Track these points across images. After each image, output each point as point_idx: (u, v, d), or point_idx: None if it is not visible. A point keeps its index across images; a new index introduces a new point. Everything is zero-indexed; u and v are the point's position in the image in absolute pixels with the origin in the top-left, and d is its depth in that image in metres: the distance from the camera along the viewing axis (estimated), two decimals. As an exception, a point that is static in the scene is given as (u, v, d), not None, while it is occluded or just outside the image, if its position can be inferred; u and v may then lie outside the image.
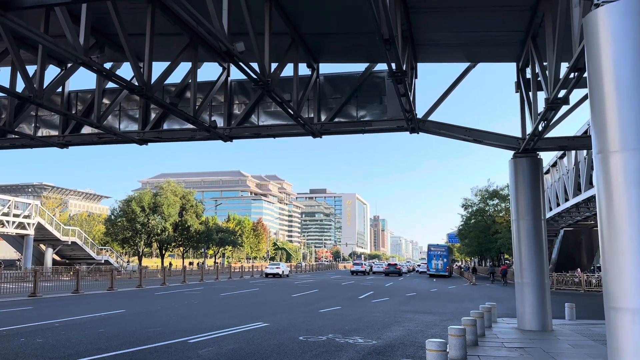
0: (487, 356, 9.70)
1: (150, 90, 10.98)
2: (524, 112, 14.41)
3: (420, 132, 14.58)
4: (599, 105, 6.19)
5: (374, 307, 21.02)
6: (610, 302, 5.89)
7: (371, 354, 10.57)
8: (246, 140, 16.29)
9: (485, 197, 63.45)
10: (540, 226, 14.05)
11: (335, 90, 14.77)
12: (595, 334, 12.72)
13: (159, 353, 10.41)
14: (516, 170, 14.45)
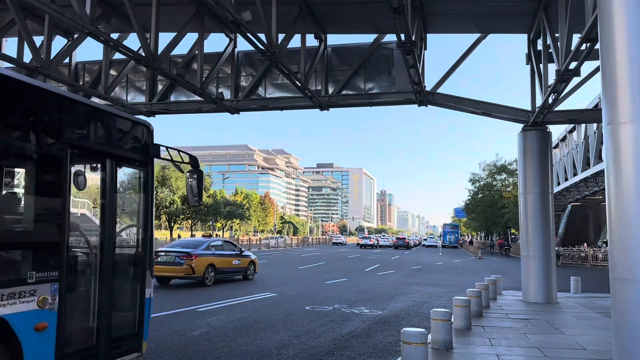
0: (491, 327, 9.81)
1: (157, 61, 10.94)
2: (534, 84, 14.24)
3: (429, 105, 14.46)
4: (610, 76, 6.10)
5: (380, 279, 21.22)
6: (615, 274, 5.92)
7: (377, 324, 10.73)
8: (253, 112, 16.26)
9: (493, 171, 63.13)
10: (547, 200, 14.03)
11: (343, 62, 14.64)
12: (600, 306, 12.81)
13: (169, 321, 10.62)
14: (525, 144, 14.36)
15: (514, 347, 8.08)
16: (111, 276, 5.55)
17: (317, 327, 10.19)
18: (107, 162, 5.56)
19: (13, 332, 4.27)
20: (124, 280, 6.02)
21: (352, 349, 8.39)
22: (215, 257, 17.61)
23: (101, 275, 5.43)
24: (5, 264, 4.40)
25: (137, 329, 5.90)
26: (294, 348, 8.35)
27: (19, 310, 4.33)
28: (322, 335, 9.39)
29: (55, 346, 4.69)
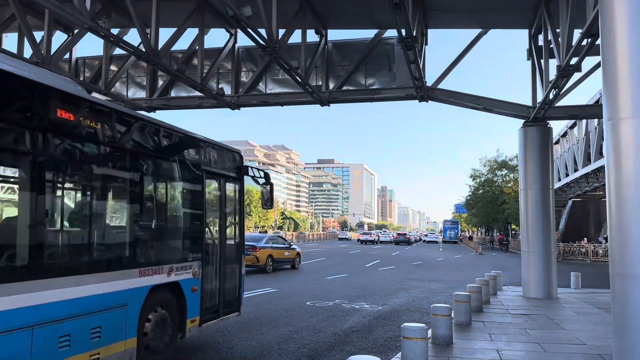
0: (491, 322, 9.83)
1: (158, 56, 10.92)
2: (535, 80, 14.22)
3: (430, 100, 14.45)
4: (611, 71, 6.09)
5: (381, 275, 21.26)
6: (615, 269, 5.92)
7: (377, 319, 10.76)
8: (254, 108, 16.24)
9: (494, 167, 63.13)
10: (548, 196, 14.02)
11: (343, 58, 14.62)
12: (600, 302, 12.83)
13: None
14: (526, 139, 14.35)
15: (514, 342, 8.10)
16: (226, 258, 8.29)
17: (318, 322, 10.22)
18: (220, 179, 8.27)
19: (182, 291, 6.95)
20: (232, 261, 8.56)
21: (352, 344, 8.42)
22: (272, 249, 21.26)
23: (221, 257, 8.15)
24: (178, 249, 7.07)
25: (237, 295, 8.67)
26: (294, 343, 8.37)
27: (185, 277, 7.01)
28: (323, 331, 9.42)
29: (200, 303, 7.41)
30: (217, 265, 8.04)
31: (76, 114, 5.24)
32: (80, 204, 5.64)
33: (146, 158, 6.42)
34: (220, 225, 8.27)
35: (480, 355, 7.26)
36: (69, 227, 5.45)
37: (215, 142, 8.28)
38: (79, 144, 5.41)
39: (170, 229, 7.04)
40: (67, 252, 5.34)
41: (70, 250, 5.40)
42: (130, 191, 6.19)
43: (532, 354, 7.42)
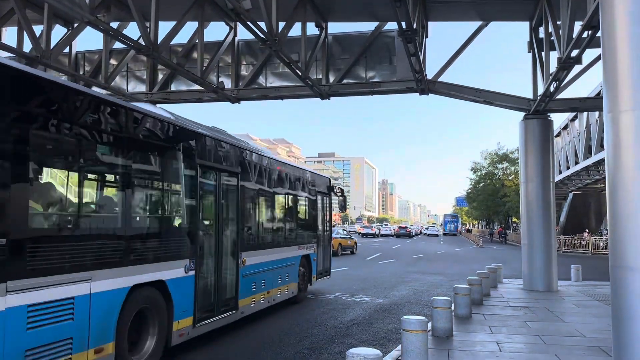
0: (492, 314, 9.86)
1: (157, 50, 10.89)
2: (535, 72, 14.17)
3: (430, 93, 14.41)
4: (611, 64, 6.07)
5: (381, 268, 21.30)
6: (615, 261, 5.93)
7: (377, 312, 10.79)
8: (254, 102, 16.22)
9: (495, 160, 63.10)
10: (548, 189, 14.02)
11: (344, 51, 14.56)
12: (600, 294, 12.86)
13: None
14: (526, 132, 14.33)
15: (514, 335, 8.13)
16: (326, 243, 14.07)
17: (319, 315, 10.26)
18: (318, 195, 13.56)
19: (310, 259, 12.46)
20: (328, 245, 14.43)
21: (353, 336, 8.45)
22: (341, 238, 29.45)
23: (324, 241, 13.94)
24: (310, 236, 12.72)
25: (329, 265, 14.35)
26: (295, 336, 8.41)
27: (311, 252, 12.62)
28: (323, 323, 9.45)
29: (316, 267, 12.92)
30: (322, 246, 13.74)
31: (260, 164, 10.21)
32: (284, 215, 11.40)
33: (302, 190, 12.61)
34: (322, 222, 13.96)
35: (480, 347, 7.29)
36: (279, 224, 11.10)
37: (322, 175, 14.65)
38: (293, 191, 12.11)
39: (307, 226, 12.83)
40: (279, 237, 10.98)
41: (279, 236, 10.99)
42: (296, 206, 12.23)
43: (532, 346, 7.44)
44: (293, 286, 11.37)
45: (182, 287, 6.90)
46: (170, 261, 6.68)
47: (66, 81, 5.91)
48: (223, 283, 8.17)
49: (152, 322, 6.37)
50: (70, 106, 5.26)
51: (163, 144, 6.82)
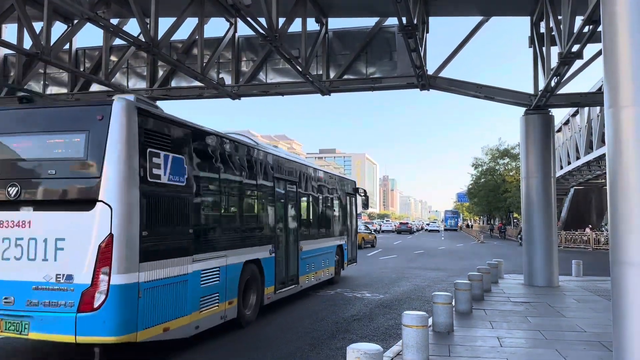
0: (492, 310, 9.88)
1: (157, 46, 10.88)
2: (536, 67, 14.13)
3: (431, 89, 14.39)
4: (612, 59, 6.06)
5: (382, 264, 21.32)
6: (616, 256, 5.93)
7: (378, 307, 10.81)
8: (254, 98, 16.21)
9: (496, 156, 62.97)
10: (549, 184, 14.01)
11: (344, 46, 14.53)
12: (601, 289, 12.86)
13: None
14: (527, 127, 14.31)
15: (515, 330, 8.14)
16: (353, 235, 16.82)
17: (320, 311, 10.28)
18: (348, 196, 16.37)
19: (342, 248, 15.33)
20: (354, 237, 17.12)
21: (354, 332, 8.47)
22: (363, 233, 31.40)
23: (351, 234, 16.50)
24: (343, 230, 15.53)
25: (355, 254, 17.23)
26: (296, 332, 8.43)
27: (344, 242, 15.46)
28: (325, 319, 9.48)
29: (348, 255, 15.93)
30: (350, 238, 16.50)
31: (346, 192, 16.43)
32: (325, 212, 13.99)
33: (336, 193, 15.20)
34: (350, 218, 16.68)
35: (481, 342, 7.31)
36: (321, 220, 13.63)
37: (349, 178, 17.73)
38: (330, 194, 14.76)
39: (340, 221, 15.30)
40: (322, 230, 13.56)
41: (322, 229, 13.53)
42: (332, 206, 14.75)
43: (533, 341, 7.46)
44: (332, 269, 14.24)
45: (268, 264, 9.74)
46: (262, 245, 9.55)
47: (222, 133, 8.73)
48: (290, 263, 11.05)
49: (253, 287, 9.15)
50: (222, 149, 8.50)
51: (259, 165, 9.83)
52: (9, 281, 6.05)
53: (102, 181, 5.99)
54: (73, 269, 5.90)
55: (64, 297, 5.86)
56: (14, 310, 5.99)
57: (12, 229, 6.19)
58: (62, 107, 7.05)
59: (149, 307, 6.17)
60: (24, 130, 6.52)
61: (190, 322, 7.03)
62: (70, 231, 6.01)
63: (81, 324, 5.75)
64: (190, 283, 7.03)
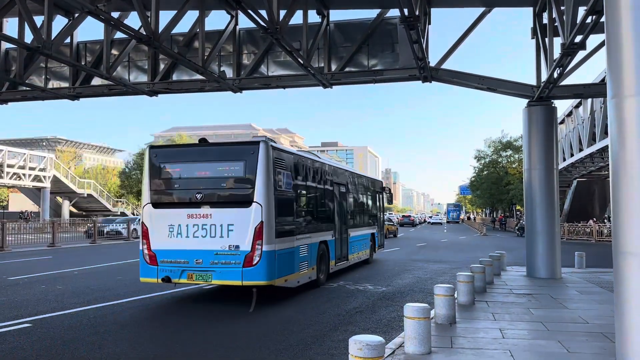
0: (495, 302, 9.88)
1: (158, 39, 10.85)
2: (539, 59, 14.06)
3: (433, 81, 14.34)
4: (615, 48, 6.02)
5: (385, 257, 21.31)
6: (618, 247, 5.92)
7: (381, 300, 10.83)
8: (256, 91, 16.18)
9: (499, 148, 62.82)
10: (552, 176, 13.98)
11: (346, 39, 14.47)
12: (604, 281, 12.85)
13: (176, 298, 10.75)
14: (530, 119, 14.26)
15: (517, 322, 8.15)
16: (382, 226, 20.86)
17: (322, 304, 10.30)
18: (377, 194, 20.17)
19: (374, 237, 19.03)
20: (382, 228, 21.09)
21: (356, 324, 8.49)
22: (387, 224, 32.85)
23: (381, 225, 20.53)
24: (374, 221, 19.09)
25: (382, 242, 20.96)
26: (299, 324, 8.45)
27: (374, 231, 19.08)
28: (327, 312, 9.49)
29: (378, 242, 19.75)
30: (380, 227, 19.96)
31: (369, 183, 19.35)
32: (363, 207, 17.69)
33: (370, 192, 18.92)
34: (379, 211, 20.21)
35: (483, 334, 7.31)
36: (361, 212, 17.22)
37: (378, 179, 21.25)
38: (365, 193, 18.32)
39: (372, 213, 18.60)
40: (361, 220, 17.10)
41: (361, 219, 17.07)
42: (368, 202, 18.38)
43: (535, 333, 7.46)
44: (368, 252, 17.91)
45: (331, 244, 13.48)
46: (328, 231, 13.35)
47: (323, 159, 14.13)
48: (343, 245, 14.64)
49: (324, 260, 12.87)
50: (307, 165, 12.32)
51: (325, 174, 13.67)
52: (198, 250, 9.75)
53: (255, 190, 9.69)
54: (239, 242, 9.55)
55: (234, 258, 9.53)
56: (202, 267, 9.71)
57: (199, 219, 9.85)
58: (229, 146, 11.86)
59: (279, 265, 9.90)
60: (204, 160, 10.50)
61: (296, 278, 10.93)
62: (237, 219, 9.67)
63: (245, 274, 9.47)
64: (295, 253, 10.84)
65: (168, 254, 10.00)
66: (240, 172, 10.12)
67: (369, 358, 4.42)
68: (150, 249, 10.13)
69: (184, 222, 9.94)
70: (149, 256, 10.13)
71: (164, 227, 10.09)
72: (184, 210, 10.03)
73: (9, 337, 7.50)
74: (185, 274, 9.83)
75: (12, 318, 8.74)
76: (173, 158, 10.78)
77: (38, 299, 10.78)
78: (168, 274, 9.86)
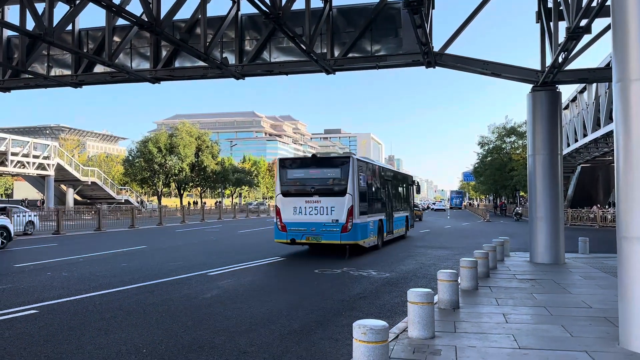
0: (498, 287, 9.91)
1: (160, 26, 10.82)
2: (544, 43, 13.93)
3: (437, 66, 14.25)
4: (621, 32, 5.96)
5: (388, 243, 21.37)
6: (622, 232, 5.92)
7: (384, 286, 10.87)
8: (259, 78, 16.13)
9: (502, 134, 62.61)
10: (556, 161, 13.93)
11: (348, 24, 14.37)
12: (608, 266, 12.86)
13: (180, 285, 10.83)
14: (534, 104, 14.18)
15: (520, 307, 8.17)
16: (411, 211, 26.58)
17: (326, 290, 10.35)
18: (409, 186, 26.47)
19: (408, 219, 25.04)
20: (412, 212, 27.19)
21: (359, 309, 8.53)
22: (415, 210, 36.08)
23: (411, 210, 26.81)
24: (407, 206, 25.19)
25: (413, 224, 26.90)
26: (303, 309, 8.50)
27: (408, 214, 24.97)
28: (331, 297, 9.54)
29: (410, 222, 25.72)
30: (411, 212, 25.83)
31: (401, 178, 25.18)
32: (400, 196, 23.48)
33: (401, 186, 24.19)
34: (411, 199, 26.30)
35: (486, 319, 7.34)
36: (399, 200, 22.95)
37: (409, 175, 27.96)
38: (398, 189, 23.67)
39: (406, 201, 24.76)
40: (399, 206, 22.91)
41: (399, 205, 22.85)
42: (404, 192, 24.66)
43: (538, 317, 7.49)
44: (404, 230, 23.78)
45: (384, 221, 18.88)
46: (383, 212, 18.79)
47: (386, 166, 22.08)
48: (390, 223, 20.07)
49: (381, 232, 18.35)
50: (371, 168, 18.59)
51: (380, 173, 19.56)
52: (313, 222, 15.39)
53: (347, 185, 15.30)
54: (338, 217, 15.20)
55: (335, 227, 15.17)
56: (315, 233, 15.40)
57: (313, 203, 15.50)
58: (331, 159, 16.54)
59: (361, 232, 15.68)
60: (315, 167, 16.17)
61: (368, 241, 16.60)
62: (336, 204, 15.27)
63: (342, 237, 15.17)
64: (368, 226, 16.51)
65: (294, 225, 15.79)
66: (338, 175, 15.84)
67: (373, 342, 4.45)
68: (282, 222, 16.01)
69: (303, 205, 15.77)
70: (281, 226, 16.02)
71: (290, 208, 15.92)
72: (303, 198, 15.84)
73: (15, 323, 7.57)
74: (305, 237, 15.63)
75: (19, 305, 8.82)
76: (295, 165, 17.05)
77: (44, 285, 10.87)
78: (293, 237, 15.68)
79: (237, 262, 14.37)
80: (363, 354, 4.47)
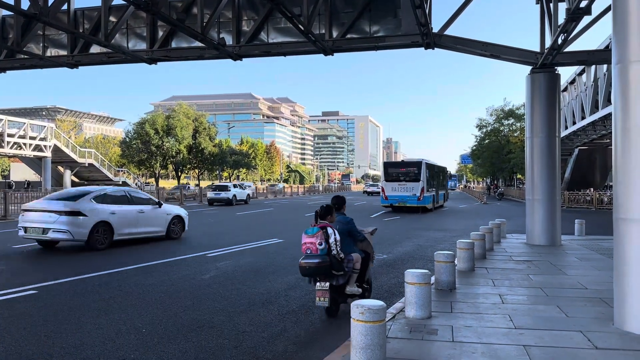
0: (494, 268, 9.99)
1: (157, 5, 10.69)
2: (543, 25, 13.84)
3: (436, 47, 14.15)
4: (621, 12, 5.92)
5: (385, 225, 21.47)
6: (619, 213, 5.95)
7: (381, 267, 10.94)
8: (256, 60, 16.01)
9: (501, 116, 62.55)
10: (554, 144, 13.94)
11: (347, 4, 14.22)
12: (604, 248, 12.96)
13: (178, 266, 10.88)
14: (533, 86, 14.13)
15: (517, 287, 8.25)
16: (445, 190, 43.20)
17: (324, 271, 10.40)
18: (445, 174, 43.14)
19: (445, 195, 41.81)
20: (445, 192, 42.68)
21: (357, 290, 8.60)
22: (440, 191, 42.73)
23: (446, 190, 44.04)
24: (442, 187, 39.85)
25: (446, 199, 42.19)
26: (301, 290, 8.57)
27: (444, 192, 40.99)
28: (329, 278, 9.60)
29: (444, 198, 40.51)
30: (445, 191, 42.53)
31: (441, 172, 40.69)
32: (439, 180, 38.20)
33: (442, 174, 40.45)
34: (446, 184, 44.21)
35: (482, 299, 7.41)
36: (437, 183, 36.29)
37: (444, 166, 42.84)
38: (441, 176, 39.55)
39: (443, 184, 40.75)
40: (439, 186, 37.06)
41: (440, 187, 37.81)
42: (443, 179, 41.04)
43: (534, 298, 7.56)
44: (442, 201, 38.01)
45: (436, 195, 34.58)
46: (435, 191, 34.28)
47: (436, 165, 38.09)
48: (437, 197, 34.98)
49: (433, 201, 33.19)
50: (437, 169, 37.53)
51: (430, 168, 33.96)
52: (402, 195, 30.90)
53: (420, 176, 30.77)
54: (416, 192, 30.54)
55: (415, 198, 30.55)
56: (402, 200, 30.90)
57: (402, 185, 30.99)
58: (412, 162, 32.34)
59: (429, 200, 31.72)
60: (403, 167, 32.45)
61: (430, 206, 31.75)
62: (415, 186, 30.65)
63: (419, 202, 30.53)
64: (429, 198, 31.54)
65: (392, 198, 30.85)
66: (416, 171, 30.78)
67: (371, 322, 4.50)
68: (386, 195, 30.98)
69: (396, 187, 30.80)
70: (384, 198, 31.10)
71: (390, 188, 30.96)
72: (397, 182, 30.87)
73: (15, 304, 7.62)
74: (397, 203, 30.59)
75: (18, 285, 8.86)
76: (393, 166, 33.08)
77: (43, 266, 10.91)
78: (392, 203, 30.79)
79: (236, 244, 14.42)
80: (361, 333, 4.52)
